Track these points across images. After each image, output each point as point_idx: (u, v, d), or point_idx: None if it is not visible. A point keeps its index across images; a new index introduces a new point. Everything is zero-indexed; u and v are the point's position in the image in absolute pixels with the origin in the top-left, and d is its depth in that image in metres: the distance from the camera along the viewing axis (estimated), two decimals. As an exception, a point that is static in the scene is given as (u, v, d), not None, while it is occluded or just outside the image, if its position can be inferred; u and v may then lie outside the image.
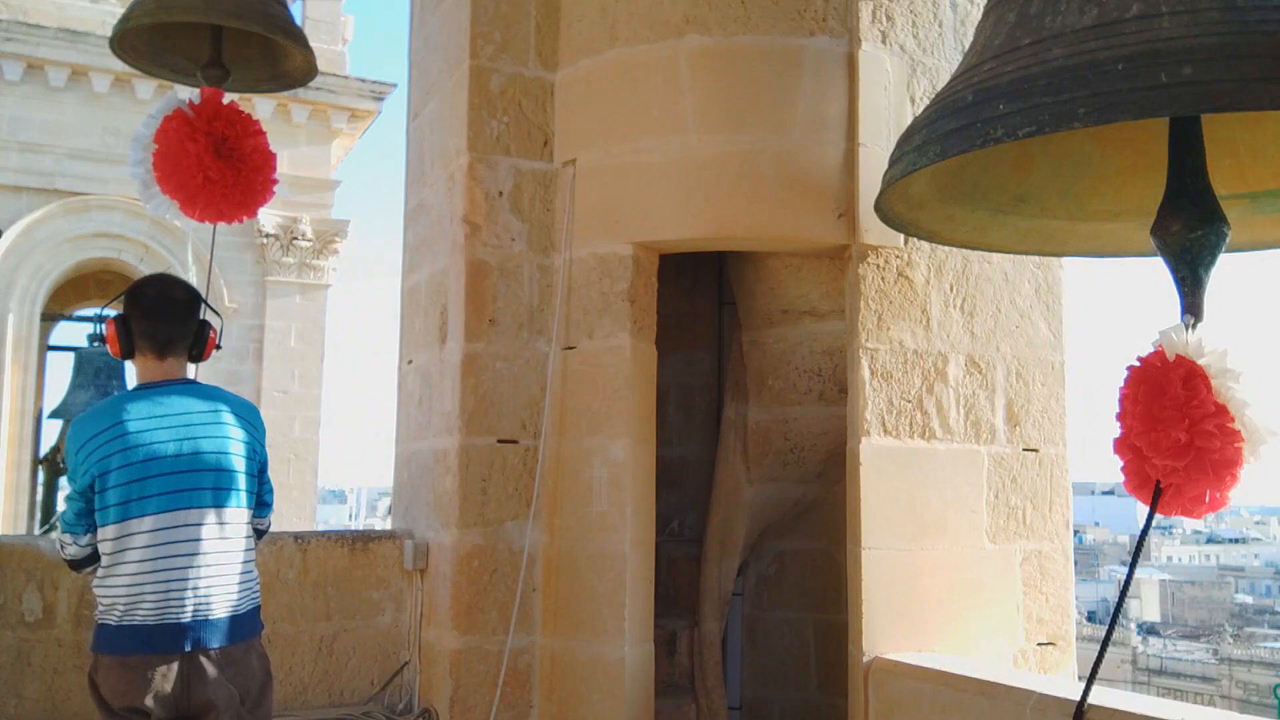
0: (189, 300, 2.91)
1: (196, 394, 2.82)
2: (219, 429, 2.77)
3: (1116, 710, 2.60)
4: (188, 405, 2.77)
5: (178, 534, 2.67)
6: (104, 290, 13.77)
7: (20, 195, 11.40)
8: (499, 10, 3.89)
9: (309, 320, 12.58)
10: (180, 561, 2.66)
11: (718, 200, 3.63)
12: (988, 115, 2.08)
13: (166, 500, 2.67)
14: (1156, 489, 2.17)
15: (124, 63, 3.60)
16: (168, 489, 2.67)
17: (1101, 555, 57.28)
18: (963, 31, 3.87)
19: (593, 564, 3.63)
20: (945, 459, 3.70)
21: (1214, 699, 31.85)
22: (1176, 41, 1.91)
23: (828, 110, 3.64)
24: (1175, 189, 2.26)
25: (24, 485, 11.81)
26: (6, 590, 3.55)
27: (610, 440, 3.64)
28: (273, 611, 3.88)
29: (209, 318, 3.01)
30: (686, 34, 3.66)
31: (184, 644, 2.64)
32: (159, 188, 3.38)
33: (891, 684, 3.41)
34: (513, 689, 3.67)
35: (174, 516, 2.67)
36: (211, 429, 2.77)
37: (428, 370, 4.13)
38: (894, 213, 2.62)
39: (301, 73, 3.69)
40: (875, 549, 3.55)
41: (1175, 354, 2.15)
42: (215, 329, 2.95)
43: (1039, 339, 3.94)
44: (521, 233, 3.84)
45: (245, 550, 2.78)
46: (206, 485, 2.72)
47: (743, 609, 4.61)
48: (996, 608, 3.73)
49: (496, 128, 3.85)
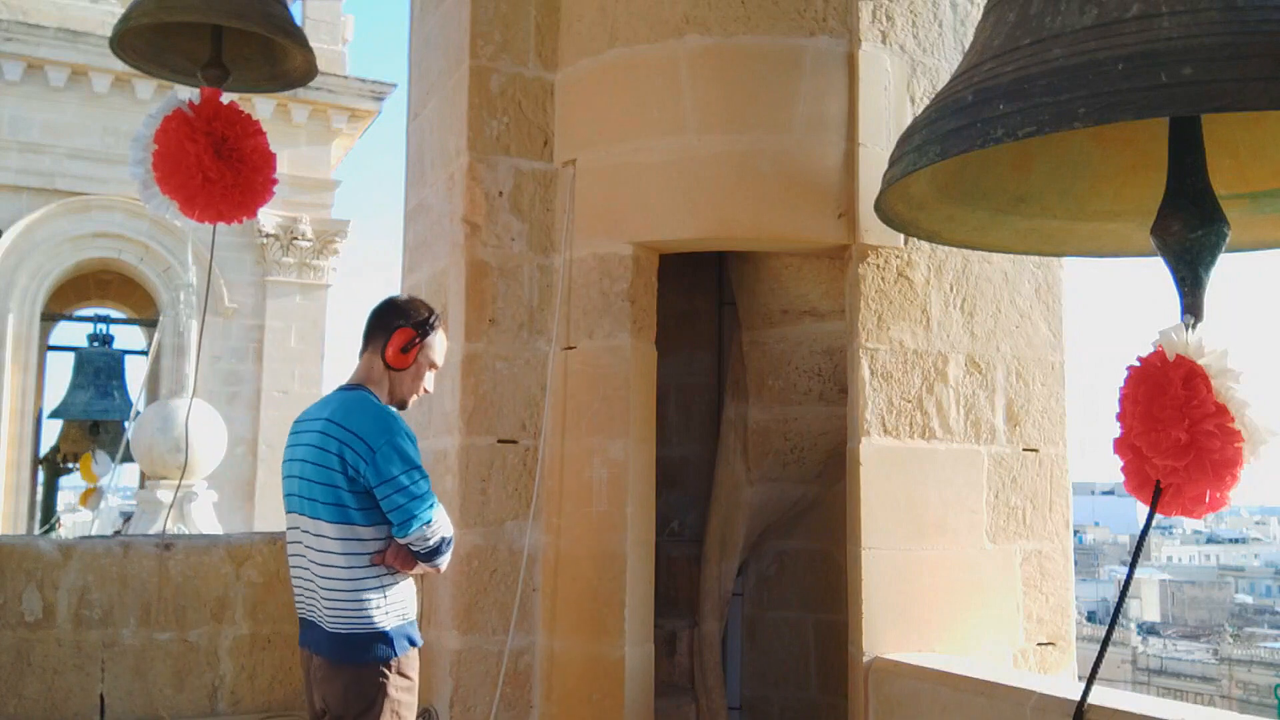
0: (384, 306, 2.97)
1: (333, 400, 2.88)
2: (311, 438, 2.79)
3: (1116, 710, 2.60)
4: (320, 411, 2.86)
5: (295, 535, 2.84)
6: (104, 290, 13.78)
7: (20, 195, 11.41)
8: (499, 10, 3.89)
9: (309, 320, 12.59)
10: (298, 562, 2.84)
11: (718, 200, 3.62)
12: (988, 115, 2.08)
13: (288, 502, 2.88)
14: (1156, 489, 2.17)
15: (124, 63, 3.60)
16: (289, 491, 2.86)
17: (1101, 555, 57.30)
18: (963, 31, 3.87)
19: (593, 564, 3.63)
20: (945, 459, 3.70)
21: (1214, 699, 31.86)
22: (1176, 41, 1.91)
23: (827, 110, 3.64)
24: (1175, 189, 2.26)
25: (24, 485, 11.81)
26: (6, 590, 3.56)
27: (610, 440, 3.64)
28: (273, 611, 3.89)
29: (193, 318, 3.05)
30: (686, 34, 3.66)
31: (305, 640, 2.82)
32: (159, 188, 3.38)
33: (891, 684, 3.41)
34: (513, 689, 3.67)
35: (292, 519, 2.85)
36: (307, 438, 2.80)
37: (428, 370, 4.13)
38: (894, 213, 2.62)
39: (301, 73, 3.69)
40: (875, 549, 3.55)
41: (1175, 354, 2.14)
42: (411, 328, 2.87)
43: (1039, 339, 3.94)
44: (521, 233, 3.84)
45: (348, 569, 2.70)
46: (301, 494, 2.79)
47: (743, 609, 4.60)
48: (996, 608, 3.72)
49: (496, 128, 3.85)
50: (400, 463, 2.68)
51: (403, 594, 2.80)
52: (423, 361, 2.91)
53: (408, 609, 2.81)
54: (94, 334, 12.61)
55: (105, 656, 3.66)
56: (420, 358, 2.90)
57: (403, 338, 2.85)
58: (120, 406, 12.17)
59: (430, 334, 2.91)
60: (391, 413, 2.80)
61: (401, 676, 2.74)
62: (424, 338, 2.89)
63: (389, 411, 2.80)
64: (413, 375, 2.91)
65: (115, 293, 13.82)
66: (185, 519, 8.55)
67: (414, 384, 2.93)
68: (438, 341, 2.95)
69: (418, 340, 2.87)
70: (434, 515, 2.73)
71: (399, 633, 2.75)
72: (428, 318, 2.91)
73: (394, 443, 2.69)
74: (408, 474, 2.69)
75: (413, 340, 2.86)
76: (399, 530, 2.70)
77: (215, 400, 10.79)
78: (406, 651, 2.77)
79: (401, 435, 2.73)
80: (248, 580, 3.86)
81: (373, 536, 2.72)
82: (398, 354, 2.85)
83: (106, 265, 12.47)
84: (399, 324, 2.88)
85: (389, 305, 2.97)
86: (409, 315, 2.91)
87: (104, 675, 3.65)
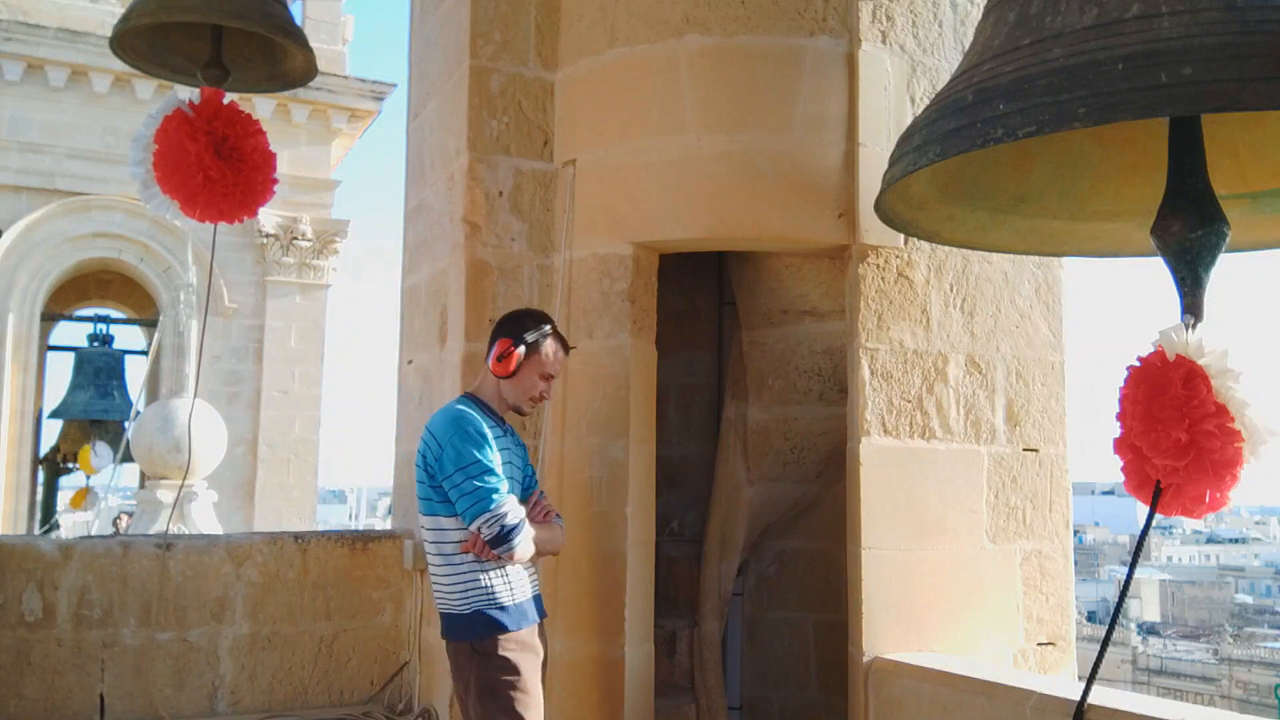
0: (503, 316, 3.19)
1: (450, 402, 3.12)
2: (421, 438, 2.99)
3: (1116, 710, 2.60)
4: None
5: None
6: (104, 290, 13.78)
7: (20, 195, 11.41)
8: (499, 10, 3.89)
9: (309, 320, 12.58)
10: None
11: (718, 200, 3.62)
12: (988, 115, 2.08)
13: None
14: (1156, 489, 2.17)
15: (124, 63, 3.60)
16: None
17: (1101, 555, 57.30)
18: (963, 31, 3.87)
19: (592, 564, 3.63)
20: (945, 459, 3.70)
21: (1214, 699, 31.85)
22: (1176, 41, 1.91)
23: (828, 110, 3.64)
24: (1175, 189, 2.26)
25: (24, 485, 11.81)
26: (6, 590, 3.56)
27: (610, 440, 3.64)
28: (273, 611, 3.89)
29: (193, 318, 3.12)
30: (686, 34, 3.66)
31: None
32: (159, 187, 3.38)
33: (891, 684, 3.41)
34: (513, 689, 3.66)
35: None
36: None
37: (428, 370, 4.13)
38: (894, 213, 2.62)
39: (301, 73, 3.69)
40: (875, 549, 3.55)
41: (1175, 354, 2.14)
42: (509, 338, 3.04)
43: (1039, 339, 3.94)
44: (521, 233, 3.84)
45: (442, 555, 2.94)
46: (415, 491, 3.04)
47: (743, 609, 4.60)
48: (996, 607, 3.72)
49: (496, 128, 3.85)
50: (457, 460, 2.87)
51: (490, 581, 2.91)
52: (530, 370, 3.05)
53: (496, 595, 2.91)
54: (94, 334, 12.61)
55: (105, 656, 3.66)
56: (525, 367, 3.03)
57: (500, 347, 3.03)
58: (120, 406, 12.17)
59: (530, 345, 3.03)
60: (463, 415, 2.94)
61: (489, 658, 2.88)
62: (521, 347, 3.02)
63: (461, 414, 2.95)
64: (519, 383, 3.05)
65: (115, 293, 13.82)
66: (185, 519, 8.54)
67: (523, 391, 3.07)
68: (546, 352, 3.07)
69: (513, 349, 3.01)
70: (491, 507, 2.85)
71: (480, 617, 2.90)
72: (530, 329, 3.05)
73: (454, 442, 2.88)
74: (462, 470, 2.86)
75: (508, 350, 3.01)
76: (465, 520, 2.89)
77: (215, 400, 10.79)
78: (488, 636, 2.89)
79: (463, 435, 2.88)
80: (248, 580, 3.86)
81: (454, 526, 2.92)
82: (495, 362, 3.03)
83: (106, 265, 12.47)
84: (501, 334, 3.07)
85: (505, 316, 3.18)
86: (511, 326, 3.08)
87: (104, 675, 3.65)
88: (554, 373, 3.12)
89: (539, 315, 3.17)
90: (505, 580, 2.93)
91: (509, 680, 2.88)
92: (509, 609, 2.92)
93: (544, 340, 3.06)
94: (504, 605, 2.91)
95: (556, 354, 3.10)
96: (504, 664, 2.88)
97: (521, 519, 2.90)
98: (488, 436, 2.91)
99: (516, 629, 2.91)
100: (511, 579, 2.94)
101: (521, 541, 2.89)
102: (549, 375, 3.10)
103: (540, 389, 3.09)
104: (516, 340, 3.02)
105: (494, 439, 2.94)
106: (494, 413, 3.06)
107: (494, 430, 2.97)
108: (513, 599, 2.93)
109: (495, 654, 2.88)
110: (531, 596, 3.01)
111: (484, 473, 2.86)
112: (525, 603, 2.97)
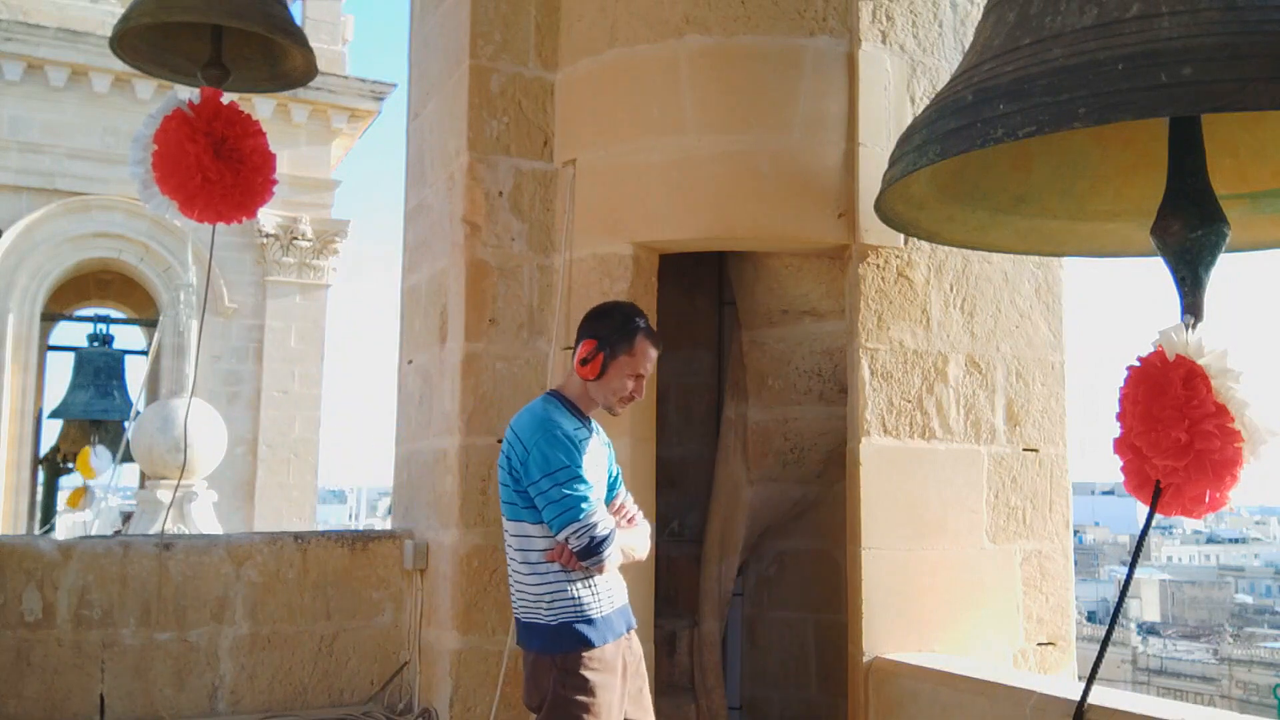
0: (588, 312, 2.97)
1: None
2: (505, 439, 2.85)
3: (1116, 710, 2.60)
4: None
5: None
6: (104, 290, 13.78)
7: (20, 195, 11.40)
8: (499, 10, 3.89)
9: (309, 320, 12.58)
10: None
11: (718, 200, 3.62)
12: (988, 115, 2.08)
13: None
14: (1156, 489, 2.17)
15: (124, 63, 3.60)
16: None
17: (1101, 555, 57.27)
18: (963, 31, 3.87)
19: (593, 564, 3.63)
20: (945, 459, 3.70)
21: (1214, 699, 31.84)
22: (1176, 41, 1.91)
23: (828, 110, 3.64)
24: (1175, 189, 2.26)
25: (24, 485, 11.81)
26: (6, 590, 3.55)
27: (610, 440, 3.64)
28: (273, 611, 3.89)
29: (193, 318, 3.03)
30: (686, 34, 3.66)
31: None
32: (159, 188, 3.38)
33: (891, 684, 3.40)
34: (513, 689, 3.66)
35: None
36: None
37: (428, 370, 4.13)
38: (894, 213, 2.62)
39: (301, 73, 3.69)
40: (875, 549, 3.55)
41: (1175, 354, 2.15)
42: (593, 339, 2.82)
43: (1039, 339, 3.94)
44: (521, 233, 3.84)
45: (523, 563, 2.77)
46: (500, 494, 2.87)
47: (743, 609, 4.60)
48: (996, 607, 3.72)
49: (496, 128, 3.85)
50: (544, 465, 2.68)
51: (577, 591, 2.73)
52: (617, 371, 2.82)
53: (583, 607, 2.73)
54: (94, 334, 12.60)
55: (105, 656, 3.66)
56: (612, 368, 2.81)
57: (584, 349, 2.82)
58: (120, 406, 12.17)
59: (616, 345, 2.81)
60: (548, 418, 2.76)
61: (570, 674, 2.70)
62: (605, 348, 2.81)
63: (547, 417, 2.77)
64: (606, 384, 2.83)
65: (115, 293, 13.82)
66: (185, 519, 8.54)
67: (611, 392, 2.84)
68: (635, 350, 2.82)
69: (599, 351, 2.80)
70: (581, 517, 2.67)
71: (566, 630, 2.72)
72: (616, 327, 2.83)
73: (541, 446, 2.70)
74: (550, 477, 2.67)
75: (594, 350, 2.80)
76: (553, 529, 2.70)
77: (215, 400, 10.78)
78: (570, 650, 2.71)
79: (551, 439, 2.71)
80: (248, 580, 3.86)
81: (540, 534, 2.74)
82: (579, 365, 2.82)
83: (106, 265, 12.47)
84: (585, 333, 2.86)
85: (591, 311, 2.95)
86: (595, 324, 2.87)
87: (104, 675, 3.65)
88: (645, 371, 2.86)
89: (626, 310, 2.92)
90: (593, 591, 2.74)
91: (583, 702, 2.68)
92: (596, 622, 2.73)
93: (632, 339, 2.81)
94: (592, 619, 2.72)
95: (647, 351, 2.84)
96: (582, 684, 2.69)
97: (612, 529, 2.71)
98: (575, 440, 2.73)
99: (602, 644, 2.72)
100: (599, 589, 2.76)
101: (612, 553, 2.70)
102: (639, 375, 2.85)
103: (630, 389, 2.85)
104: (601, 341, 2.80)
105: (581, 441, 2.76)
106: (580, 411, 2.86)
107: (580, 431, 2.79)
108: (600, 611, 2.74)
109: (576, 671, 2.70)
110: (619, 607, 2.82)
111: (572, 479, 2.67)
112: (613, 614, 2.79)
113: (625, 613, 2.85)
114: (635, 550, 2.85)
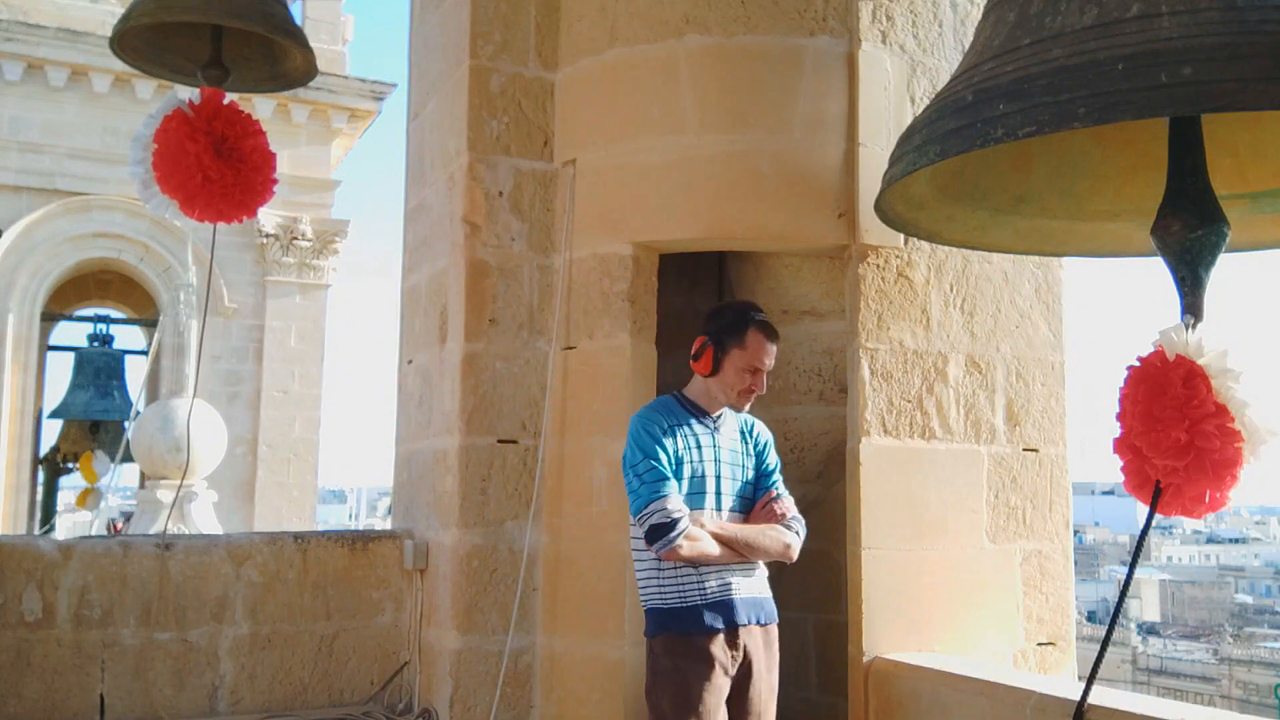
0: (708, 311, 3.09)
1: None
2: None
3: (1116, 710, 2.60)
4: None
5: None
6: (104, 290, 13.79)
7: (20, 195, 11.41)
8: (499, 10, 3.89)
9: (309, 320, 12.58)
10: None
11: (718, 200, 3.62)
12: (988, 115, 2.08)
13: None
14: (1156, 489, 2.17)
15: (124, 63, 3.60)
16: None
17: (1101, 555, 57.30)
18: (963, 31, 3.87)
19: (593, 564, 3.63)
20: (945, 459, 3.70)
21: (1214, 699, 31.85)
22: (1176, 41, 1.91)
23: (828, 110, 3.64)
24: (1175, 189, 2.26)
25: (24, 485, 11.81)
26: (6, 590, 3.55)
27: (610, 440, 3.64)
28: (273, 611, 3.89)
29: (193, 318, 3.07)
30: (686, 34, 3.66)
31: None
32: (159, 187, 3.38)
33: (891, 684, 3.41)
34: (513, 689, 3.67)
35: None
36: None
37: (428, 370, 4.13)
38: (894, 213, 2.62)
39: (301, 73, 3.69)
40: (875, 549, 3.55)
41: (1175, 354, 2.15)
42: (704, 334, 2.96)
43: (1039, 339, 3.94)
44: (521, 233, 3.84)
45: (637, 550, 2.92)
46: None
47: (743, 609, 4.59)
48: (996, 607, 3.72)
49: (496, 128, 3.85)
50: (630, 458, 2.87)
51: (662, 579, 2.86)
52: (732, 365, 2.93)
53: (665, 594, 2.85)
54: (94, 334, 12.61)
55: (105, 657, 3.66)
56: (726, 362, 2.93)
57: (696, 345, 2.96)
58: (120, 406, 12.17)
59: (727, 339, 2.92)
60: (643, 415, 2.95)
61: (657, 659, 2.85)
62: (717, 342, 2.93)
63: (642, 414, 2.95)
64: (722, 379, 2.96)
65: (115, 293, 13.82)
66: (185, 519, 8.54)
67: (729, 387, 2.96)
68: (747, 344, 2.92)
69: (709, 345, 2.93)
70: (645, 506, 2.79)
71: (651, 614, 2.89)
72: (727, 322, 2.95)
73: (630, 441, 2.89)
74: (632, 469, 2.86)
75: (703, 346, 2.94)
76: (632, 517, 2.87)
77: (215, 400, 10.79)
78: (656, 634, 2.87)
79: (636, 435, 2.88)
80: (248, 580, 3.86)
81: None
82: (691, 359, 2.97)
83: (106, 265, 12.47)
84: (701, 331, 2.99)
85: (711, 309, 3.09)
86: (708, 321, 3.00)
87: (104, 675, 3.65)
88: (761, 365, 2.95)
89: (740, 306, 3.05)
90: (677, 580, 2.84)
91: (666, 689, 2.80)
92: (678, 611, 2.82)
93: (743, 332, 2.92)
94: (671, 607, 2.83)
95: (761, 344, 2.93)
96: (665, 669, 2.82)
97: (675, 518, 2.75)
98: (658, 434, 2.85)
99: (683, 631, 2.81)
100: (683, 579, 2.84)
101: (680, 542, 2.75)
102: (756, 369, 2.95)
103: (748, 382, 2.95)
104: (711, 336, 2.92)
105: (680, 434, 2.88)
106: (699, 409, 2.98)
107: (683, 427, 2.91)
108: (683, 600, 2.83)
109: (661, 655, 2.84)
110: (720, 600, 2.84)
111: (647, 471, 2.81)
112: (702, 607, 2.82)
113: (729, 606, 2.86)
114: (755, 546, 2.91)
